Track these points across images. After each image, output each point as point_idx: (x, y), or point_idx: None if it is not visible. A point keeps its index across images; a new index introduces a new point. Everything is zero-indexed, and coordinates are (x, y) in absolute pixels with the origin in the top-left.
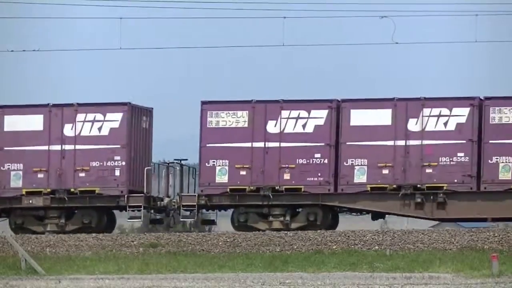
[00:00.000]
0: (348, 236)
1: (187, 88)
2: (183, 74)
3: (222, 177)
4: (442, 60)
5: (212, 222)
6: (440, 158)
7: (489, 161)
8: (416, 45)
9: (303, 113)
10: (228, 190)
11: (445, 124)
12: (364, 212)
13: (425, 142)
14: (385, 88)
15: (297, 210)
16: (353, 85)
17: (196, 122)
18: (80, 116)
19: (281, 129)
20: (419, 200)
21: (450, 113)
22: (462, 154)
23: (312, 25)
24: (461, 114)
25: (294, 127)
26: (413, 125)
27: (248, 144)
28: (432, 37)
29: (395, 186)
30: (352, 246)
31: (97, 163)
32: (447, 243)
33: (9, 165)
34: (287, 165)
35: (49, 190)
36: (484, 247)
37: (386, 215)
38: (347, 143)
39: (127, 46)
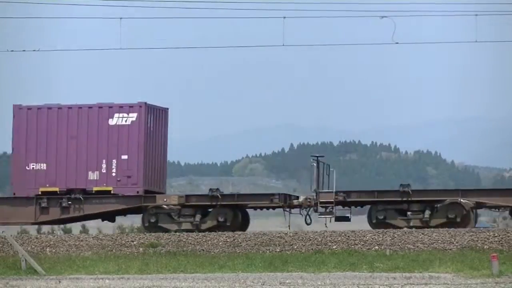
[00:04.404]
0: (348, 236)
1: (185, 88)
2: (183, 74)
3: None
4: (442, 60)
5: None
6: None
7: None
8: (416, 45)
9: None
10: None
11: None
12: None
13: None
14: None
15: None
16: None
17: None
18: None
19: None
20: None
21: None
22: None
23: (312, 25)
24: None
25: None
26: None
27: None
28: (432, 37)
29: None
30: (352, 246)
31: None
32: (447, 243)
33: None
34: None
35: None
36: (484, 247)
37: None
38: None
39: (127, 46)
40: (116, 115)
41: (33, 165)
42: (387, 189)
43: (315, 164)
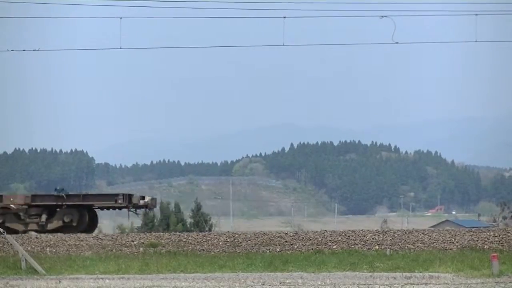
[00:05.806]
0: (348, 236)
1: (188, 88)
2: (183, 74)
3: None
4: (442, 60)
5: None
6: None
7: None
8: (416, 45)
9: None
10: None
11: None
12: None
13: None
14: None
15: None
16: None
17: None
18: None
19: None
20: None
21: None
22: None
23: (312, 25)
24: None
25: None
26: None
27: None
28: (432, 37)
29: None
30: (352, 246)
31: None
32: (447, 243)
33: None
34: None
35: None
36: (484, 247)
37: None
38: None
39: (127, 46)
40: None
41: None
42: None
43: None
